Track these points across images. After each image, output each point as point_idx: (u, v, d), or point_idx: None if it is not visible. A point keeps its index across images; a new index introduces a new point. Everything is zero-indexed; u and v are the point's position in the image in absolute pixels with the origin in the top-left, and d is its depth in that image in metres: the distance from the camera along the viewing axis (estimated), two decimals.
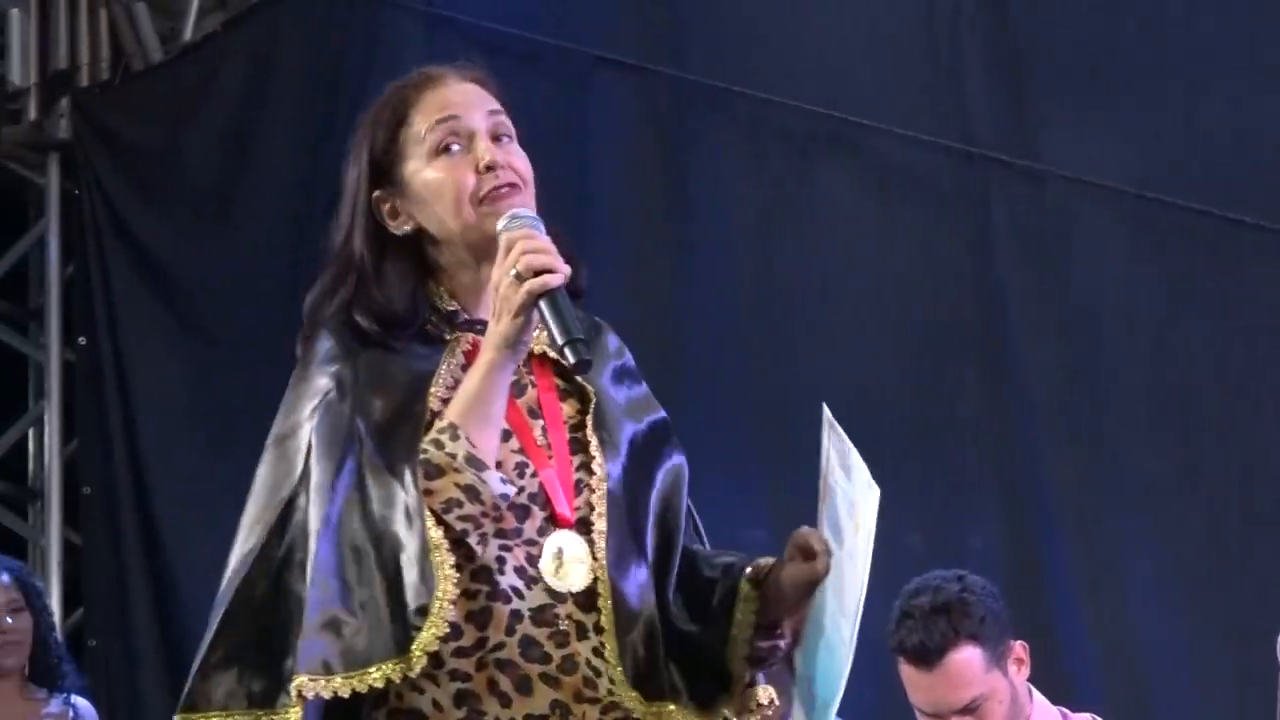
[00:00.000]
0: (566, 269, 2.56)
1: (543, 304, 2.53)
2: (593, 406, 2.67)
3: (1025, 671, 4.03)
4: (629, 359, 2.79)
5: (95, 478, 6.97)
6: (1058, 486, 5.36)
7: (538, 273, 2.53)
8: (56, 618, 5.92)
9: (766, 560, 2.71)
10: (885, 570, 5.39)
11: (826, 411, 2.64)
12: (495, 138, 2.69)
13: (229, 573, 2.65)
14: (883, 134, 5.69)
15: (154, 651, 6.83)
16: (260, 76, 6.86)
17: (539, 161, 2.81)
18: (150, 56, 7.22)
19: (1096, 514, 5.29)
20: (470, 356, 2.63)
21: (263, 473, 2.67)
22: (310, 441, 2.60)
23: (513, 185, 2.65)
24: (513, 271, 2.53)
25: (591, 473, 2.63)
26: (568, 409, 2.68)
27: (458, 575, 2.50)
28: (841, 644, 2.57)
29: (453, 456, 2.51)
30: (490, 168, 2.64)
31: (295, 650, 2.51)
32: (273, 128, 6.81)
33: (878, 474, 5.88)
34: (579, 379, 2.68)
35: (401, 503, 2.51)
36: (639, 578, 2.63)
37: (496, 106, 2.72)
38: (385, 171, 2.71)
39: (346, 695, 2.47)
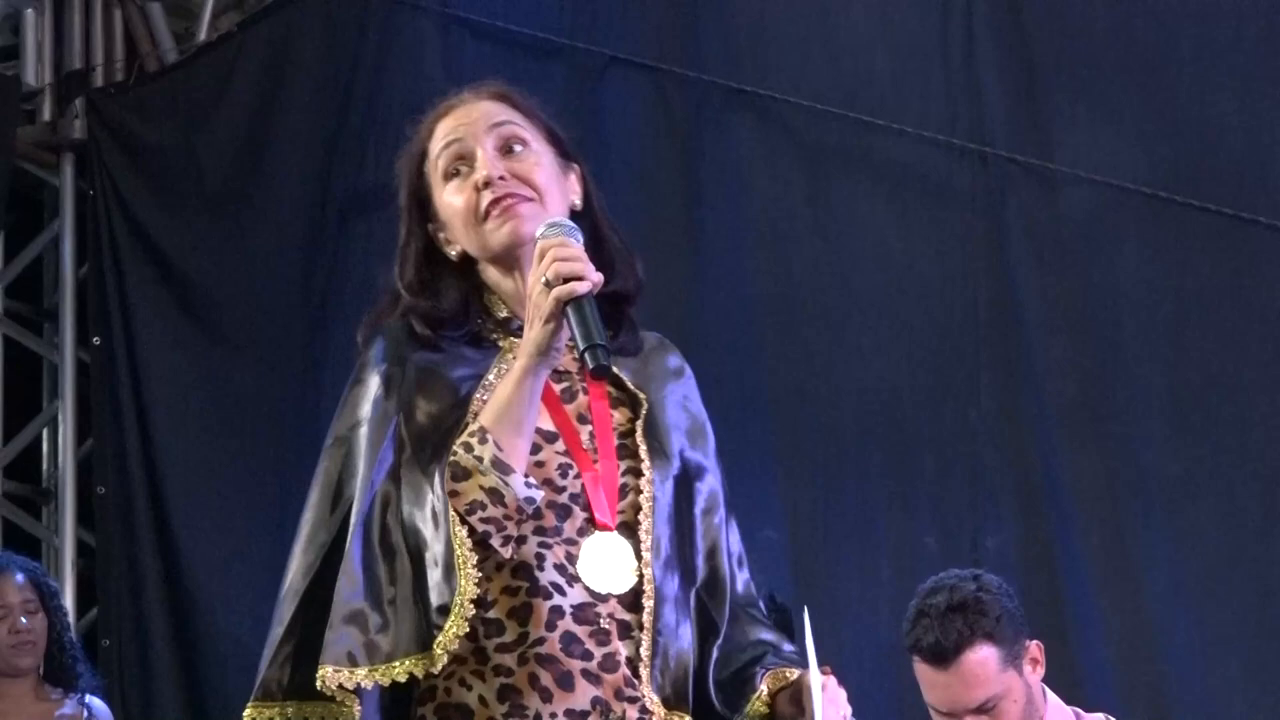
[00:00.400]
0: (597, 277, 2.59)
1: (569, 310, 2.56)
2: (644, 414, 2.71)
3: (1040, 671, 4.02)
4: (689, 381, 2.83)
5: (109, 477, 6.98)
6: (1073, 487, 5.36)
7: (566, 280, 2.56)
8: (70, 617, 5.93)
9: (782, 683, 2.74)
10: (900, 571, 5.42)
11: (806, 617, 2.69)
12: (504, 150, 2.73)
13: (294, 566, 2.70)
14: (897, 135, 5.68)
15: (168, 651, 6.83)
16: (275, 77, 6.87)
17: None
18: (165, 57, 7.24)
19: (1112, 514, 5.29)
20: None
21: (324, 469, 2.73)
22: (362, 443, 2.67)
23: (513, 195, 2.69)
24: (543, 279, 2.57)
25: (639, 476, 2.68)
26: (619, 416, 2.73)
27: (479, 574, 2.55)
28: None
29: (479, 460, 2.56)
30: (486, 184, 2.69)
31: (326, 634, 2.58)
32: (287, 128, 6.82)
33: (894, 475, 5.91)
34: (632, 388, 2.73)
35: (429, 503, 2.57)
36: (679, 585, 2.68)
37: (504, 119, 2.76)
38: (425, 204, 2.78)
39: (369, 687, 2.54)
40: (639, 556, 2.63)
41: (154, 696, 6.83)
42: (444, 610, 2.54)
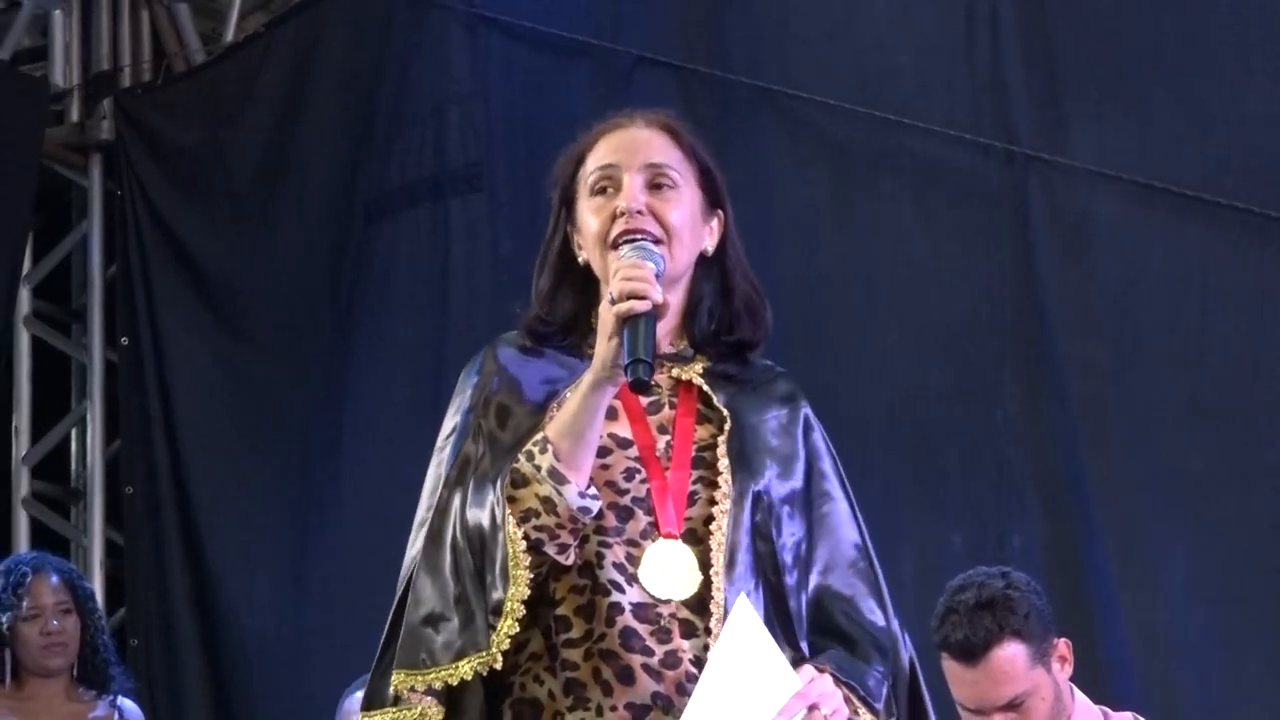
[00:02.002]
0: (659, 297, 2.66)
1: (625, 326, 2.63)
2: (728, 430, 2.76)
3: (1069, 669, 4.02)
4: (799, 409, 2.88)
5: (137, 477, 7.00)
6: (1097, 485, 5.35)
7: (629, 297, 2.64)
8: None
9: None
10: (927, 569, 5.42)
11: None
12: (652, 185, 2.79)
13: (401, 575, 2.78)
14: (922, 133, 5.68)
15: (195, 650, 6.85)
16: (301, 77, 6.88)
17: None
18: (192, 57, 7.26)
19: (1136, 512, 5.29)
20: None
21: (430, 475, 2.81)
22: (449, 447, 2.77)
23: (643, 231, 2.75)
24: (609, 296, 2.66)
25: (715, 489, 2.72)
26: (703, 431, 2.78)
27: (531, 575, 2.62)
28: None
29: (538, 468, 2.64)
30: (623, 214, 2.75)
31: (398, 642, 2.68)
32: (314, 128, 6.84)
33: (919, 474, 5.90)
34: (719, 406, 2.78)
35: (490, 508, 2.65)
36: (762, 599, 2.72)
37: (664, 159, 2.82)
38: (570, 206, 2.86)
39: (439, 688, 2.64)
40: (705, 565, 2.68)
41: (181, 696, 6.85)
42: (498, 609, 2.61)
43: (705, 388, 2.80)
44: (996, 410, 5.53)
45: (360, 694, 5.03)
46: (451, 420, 2.80)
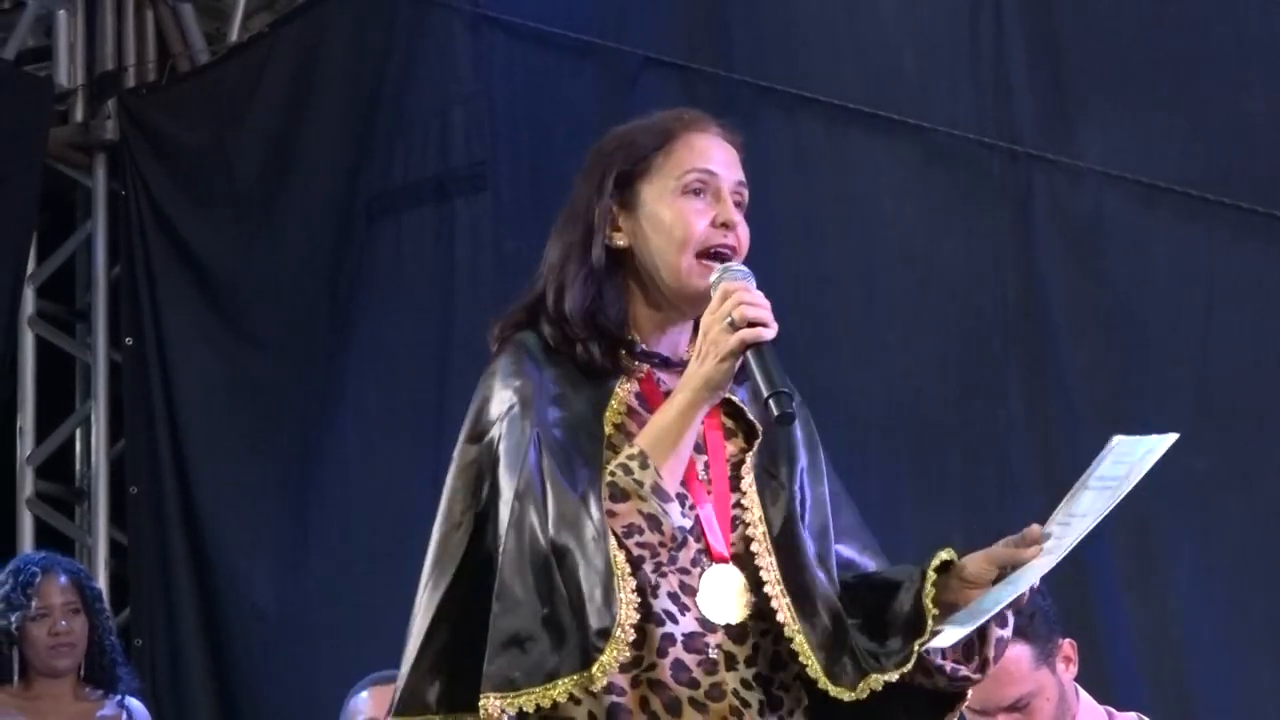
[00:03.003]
0: (776, 326, 2.66)
1: (750, 354, 2.63)
2: (757, 444, 2.76)
3: (1073, 670, 4.02)
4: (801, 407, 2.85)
5: (142, 477, 7.01)
6: None
7: (752, 324, 2.64)
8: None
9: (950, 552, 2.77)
10: None
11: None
12: (737, 204, 2.81)
13: (426, 582, 2.73)
14: (926, 131, 5.68)
15: (199, 650, 6.86)
16: (305, 77, 6.88)
17: (580, 161, 2.86)
18: (196, 58, 7.26)
19: (1140, 511, 5.28)
20: (645, 385, 2.75)
21: (453, 488, 2.74)
22: (498, 455, 2.68)
23: (735, 250, 2.77)
24: (727, 319, 2.63)
25: (745, 508, 2.72)
26: (731, 447, 2.78)
27: (639, 599, 2.59)
28: (991, 602, 2.64)
29: (639, 484, 2.61)
30: (727, 226, 2.76)
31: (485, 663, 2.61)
32: (318, 128, 6.84)
33: (921, 473, 5.89)
34: (749, 417, 2.78)
35: (586, 522, 2.59)
36: (819, 587, 2.71)
37: (743, 180, 2.84)
38: (627, 183, 2.80)
39: (531, 710, 2.57)
40: (754, 588, 2.68)
41: (186, 695, 6.86)
42: (604, 634, 2.56)
43: (736, 400, 2.78)
44: (999, 409, 5.53)
45: (365, 694, 5.04)
46: (484, 423, 2.72)
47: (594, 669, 2.55)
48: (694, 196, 2.78)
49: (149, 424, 6.97)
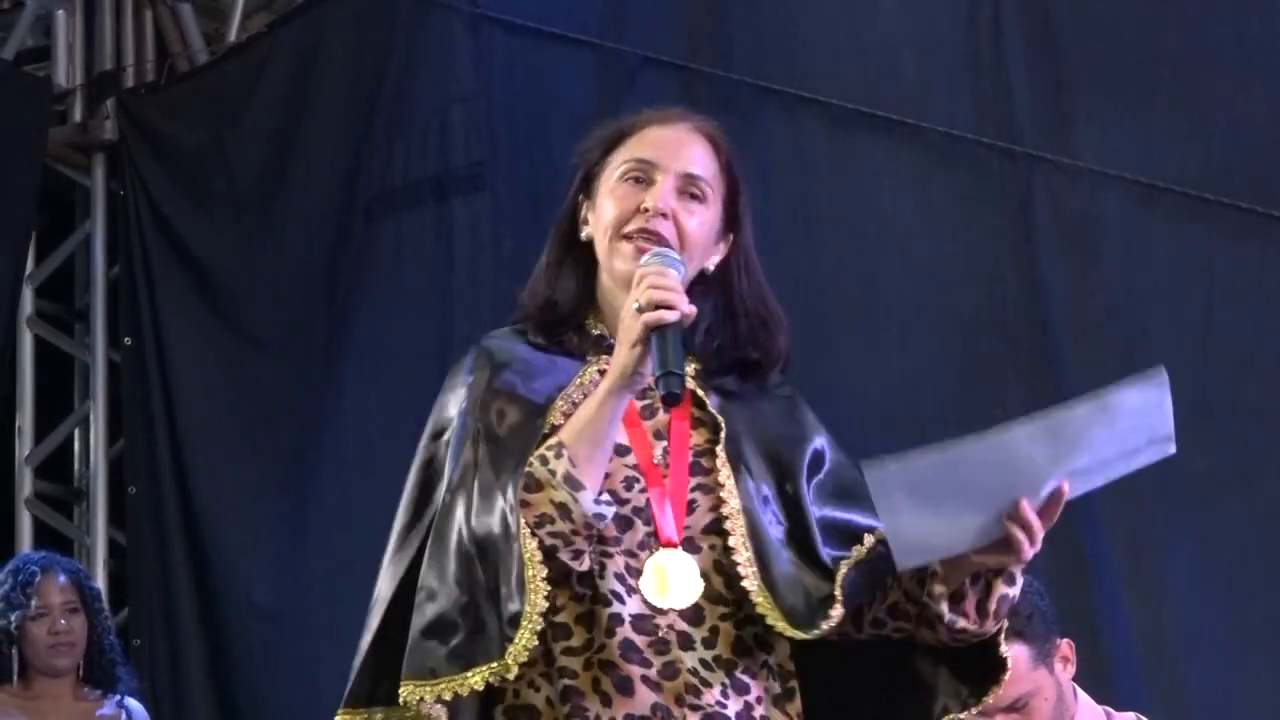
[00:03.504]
0: (689, 309, 2.63)
1: (653, 336, 2.61)
2: (724, 435, 2.73)
3: (1071, 670, 4.02)
4: (795, 403, 2.86)
5: (140, 477, 7.01)
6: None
7: (657, 307, 2.61)
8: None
9: None
10: None
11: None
12: (682, 193, 2.78)
13: (382, 575, 2.76)
14: (925, 131, 5.69)
15: (198, 650, 6.86)
16: (304, 77, 6.88)
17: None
18: (195, 58, 7.26)
19: (1138, 511, 5.28)
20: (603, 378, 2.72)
21: (411, 482, 2.78)
22: (447, 452, 2.72)
23: (658, 235, 2.73)
24: (635, 304, 2.62)
25: (716, 496, 2.70)
26: (697, 437, 2.75)
27: (552, 587, 2.59)
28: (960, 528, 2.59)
29: (552, 474, 2.61)
30: (645, 210, 2.74)
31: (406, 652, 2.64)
32: (316, 128, 6.84)
33: None
34: (712, 410, 2.76)
35: (500, 512, 2.60)
36: (792, 573, 2.68)
37: (701, 171, 2.80)
38: (590, 180, 2.83)
39: (449, 699, 2.59)
40: (704, 573, 2.67)
41: (185, 695, 6.86)
42: (514, 621, 2.57)
43: (699, 392, 2.77)
44: (998, 409, 5.52)
45: None
46: (441, 420, 2.76)
47: (507, 657, 2.56)
48: (631, 184, 2.77)
49: (148, 424, 6.97)
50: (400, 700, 2.62)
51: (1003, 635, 2.80)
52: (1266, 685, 5.07)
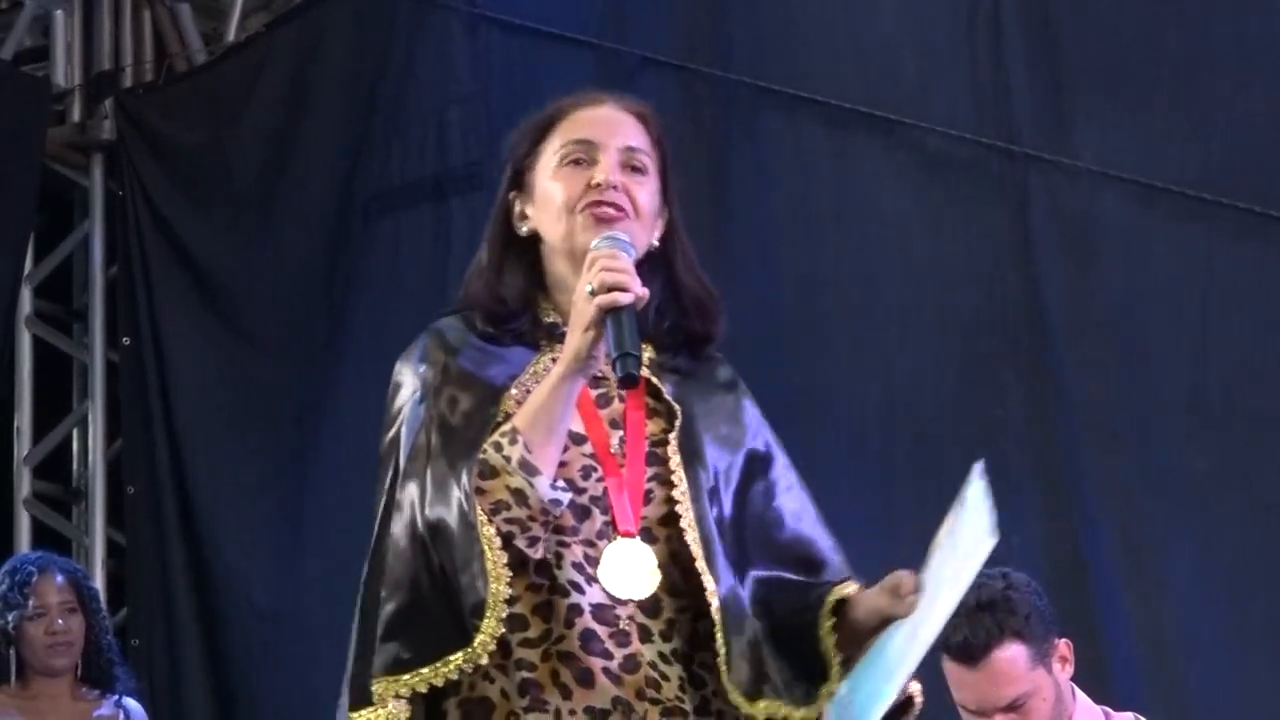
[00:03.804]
0: (642, 291, 2.63)
1: (608, 319, 2.60)
2: (679, 425, 2.72)
3: (1069, 669, 4.02)
4: (740, 392, 2.85)
5: (139, 477, 7.00)
6: (1098, 484, 5.35)
7: (610, 289, 2.60)
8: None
9: (851, 587, 2.73)
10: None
11: (979, 470, 2.67)
12: (627, 166, 2.77)
13: (364, 576, 2.75)
14: (924, 131, 5.69)
15: (197, 650, 6.86)
16: (303, 77, 6.88)
17: None
18: (193, 57, 7.26)
19: (1138, 512, 5.28)
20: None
21: (378, 470, 2.75)
22: (399, 442, 2.70)
23: (617, 206, 2.73)
24: (588, 287, 2.61)
25: (671, 486, 2.69)
26: (653, 426, 2.74)
27: (512, 574, 2.57)
28: (891, 680, 2.59)
29: (507, 460, 2.59)
30: (599, 185, 2.73)
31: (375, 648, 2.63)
32: (315, 128, 6.84)
33: (919, 473, 5.89)
34: (668, 399, 2.74)
35: (455, 500, 2.58)
36: (730, 582, 2.68)
37: (639, 144, 2.81)
38: (522, 175, 2.82)
39: (424, 690, 2.58)
40: (662, 564, 2.65)
41: (183, 695, 6.85)
42: (478, 610, 2.55)
43: (654, 380, 2.75)
44: (997, 410, 5.53)
45: None
46: (397, 409, 2.74)
47: (475, 644, 2.54)
48: (572, 167, 2.77)
49: (146, 424, 6.96)
50: (373, 696, 2.61)
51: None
52: (1266, 685, 5.07)
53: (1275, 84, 5.26)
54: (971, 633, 3.89)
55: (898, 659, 2.60)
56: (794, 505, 2.80)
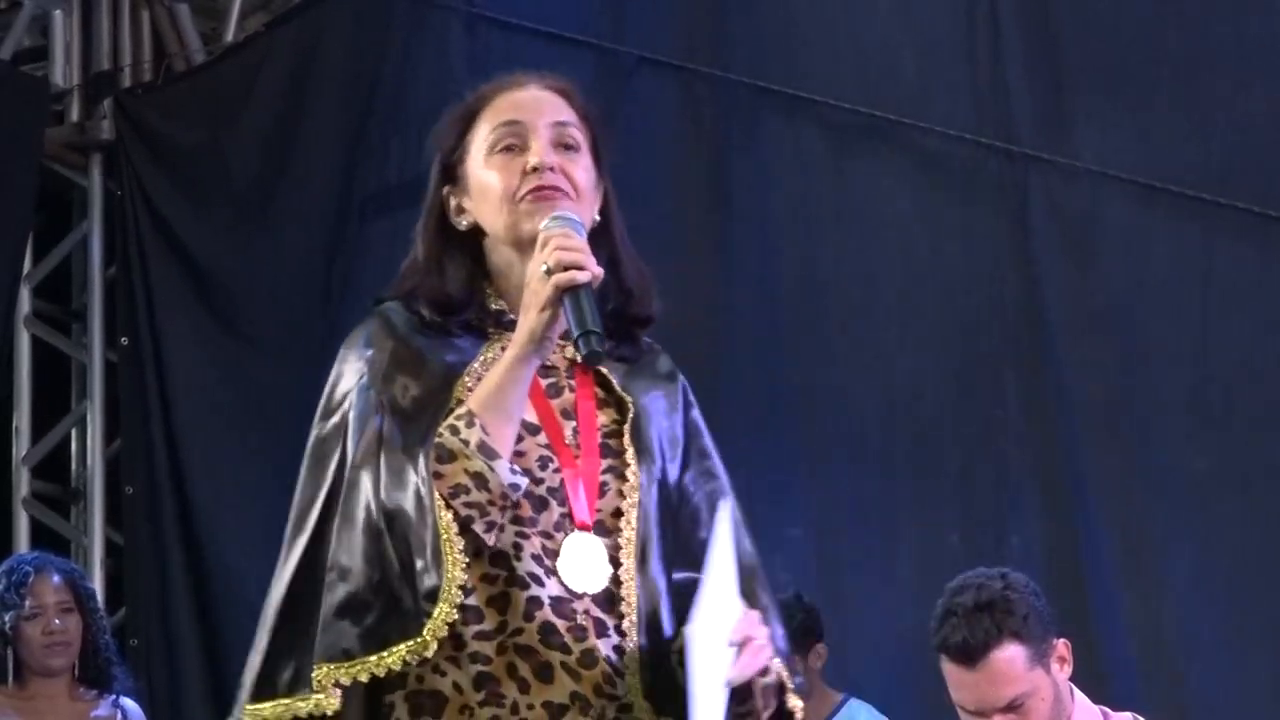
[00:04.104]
0: (598, 269, 2.58)
1: (566, 299, 2.55)
2: (630, 417, 2.68)
3: (1068, 669, 4.01)
4: (679, 385, 2.80)
5: (137, 477, 7.00)
6: (1098, 484, 5.35)
7: (567, 268, 2.55)
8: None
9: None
10: (925, 568, 5.42)
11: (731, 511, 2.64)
12: (559, 145, 2.71)
13: (284, 563, 2.70)
14: (923, 131, 5.69)
15: (195, 650, 6.85)
16: (301, 77, 6.88)
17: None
18: (192, 57, 7.26)
19: (1136, 511, 5.29)
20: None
21: (309, 459, 2.70)
22: (347, 428, 2.63)
23: (556, 189, 2.67)
24: (544, 267, 2.56)
25: (623, 480, 2.65)
26: (604, 417, 2.70)
27: (468, 560, 2.52)
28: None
29: (465, 443, 2.54)
30: (535, 169, 2.67)
31: (318, 634, 2.55)
32: (313, 128, 6.84)
33: (918, 472, 5.88)
34: (618, 390, 2.70)
35: (412, 485, 2.53)
36: (662, 585, 2.64)
37: (567, 118, 2.74)
38: (453, 168, 2.76)
39: (365, 680, 2.51)
40: (614, 558, 2.61)
41: (181, 695, 6.85)
42: (432, 596, 2.49)
43: (603, 370, 2.70)
44: (996, 409, 5.53)
45: None
46: (335, 396, 2.68)
47: (424, 633, 2.49)
48: (504, 154, 2.70)
49: (144, 424, 6.96)
50: (312, 684, 2.52)
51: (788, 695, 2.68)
52: (1264, 685, 5.07)
53: (1275, 84, 5.26)
54: (970, 633, 3.88)
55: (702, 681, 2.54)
56: (710, 502, 2.73)
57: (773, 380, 5.81)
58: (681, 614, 2.63)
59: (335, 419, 2.66)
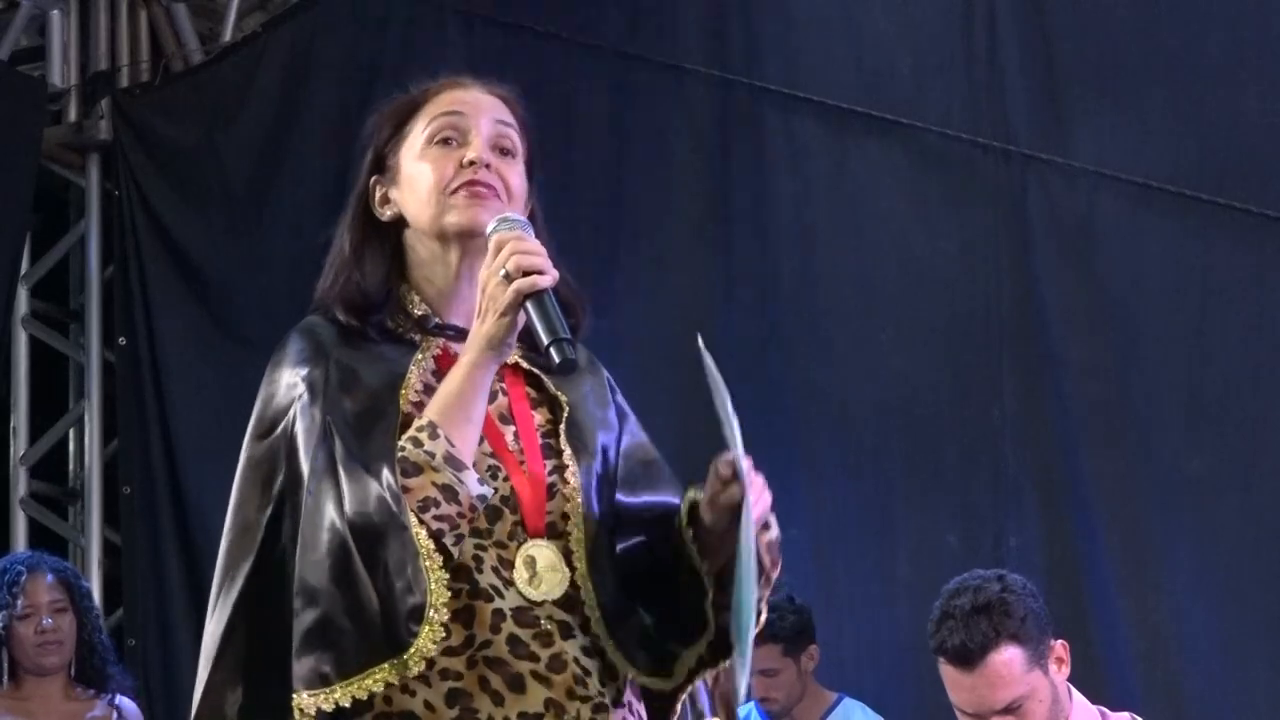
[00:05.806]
0: (555, 272, 2.54)
1: (529, 304, 2.52)
2: (565, 416, 2.65)
3: (1066, 671, 4.01)
4: (600, 372, 2.77)
5: (135, 478, 7.00)
6: (1095, 485, 5.35)
7: (527, 273, 2.52)
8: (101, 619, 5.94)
9: (692, 495, 2.65)
10: (922, 570, 5.42)
11: (701, 345, 2.61)
12: (497, 148, 2.69)
13: (218, 593, 2.63)
14: (921, 131, 5.69)
15: (192, 651, 6.78)
16: (298, 78, 6.88)
17: (577, 161, 2.83)
18: (190, 58, 7.26)
19: (1134, 512, 5.29)
20: (441, 361, 2.62)
21: (244, 479, 2.63)
22: (295, 446, 2.57)
23: (490, 187, 2.65)
24: (502, 271, 2.52)
25: (566, 481, 2.62)
26: (539, 417, 2.66)
27: (449, 577, 2.47)
28: (750, 571, 2.52)
29: (431, 455, 2.49)
30: (473, 163, 2.65)
31: (293, 663, 2.48)
32: (310, 129, 6.83)
33: (916, 473, 5.89)
34: (550, 389, 2.67)
35: (381, 502, 2.47)
36: (616, 577, 2.62)
37: (509, 120, 2.72)
38: (384, 159, 2.74)
39: (348, 704, 2.45)
40: (568, 560, 2.58)
41: (179, 696, 6.84)
42: (416, 615, 2.43)
43: (533, 369, 2.66)
44: (993, 409, 5.53)
45: None
46: (269, 415, 2.62)
47: (409, 653, 2.43)
48: (442, 146, 2.68)
49: (142, 424, 6.96)
50: (295, 713, 2.45)
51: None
52: (1262, 685, 5.07)
53: (1269, 84, 5.26)
54: (968, 636, 3.88)
55: (748, 557, 2.55)
56: (643, 473, 2.71)
57: (771, 380, 5.81)
58: (634, 580, 2.61)
59: (272, 439, 2.60)
